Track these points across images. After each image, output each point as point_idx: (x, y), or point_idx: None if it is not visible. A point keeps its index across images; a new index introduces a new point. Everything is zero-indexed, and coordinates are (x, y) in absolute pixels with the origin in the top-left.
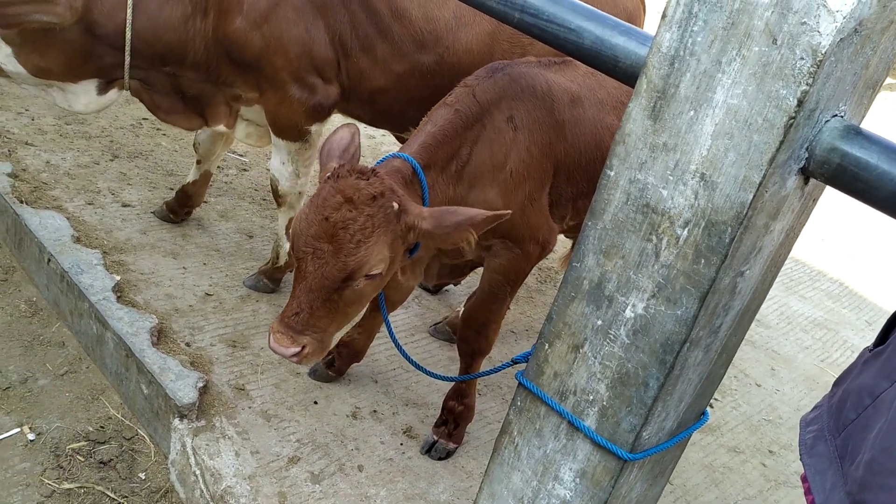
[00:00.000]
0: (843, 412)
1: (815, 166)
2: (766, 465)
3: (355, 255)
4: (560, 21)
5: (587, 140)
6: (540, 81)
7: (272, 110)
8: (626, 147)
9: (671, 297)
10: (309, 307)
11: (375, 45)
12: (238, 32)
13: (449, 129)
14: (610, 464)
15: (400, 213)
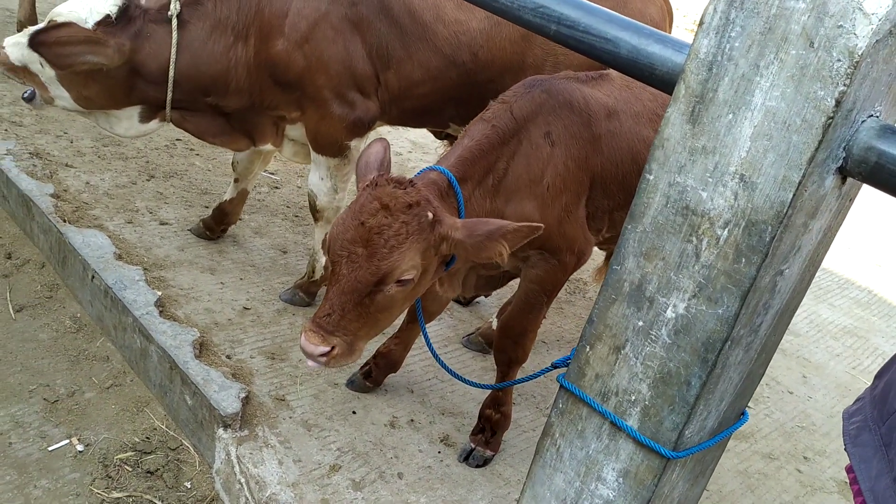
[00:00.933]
0: (887, 403)
1: (852, 165)
2: (801, 472)
3: (388, 259)
4: (596, 32)
5: (623, 153)
6: (577, 96)
7: (313, 127)
8: (664, 151)
9: (712, 296)
10: (341, 309)
11: (413, 52)
12: (281, 54)
13: (485, 144)
14: (653, 462)
15: (434, 223)
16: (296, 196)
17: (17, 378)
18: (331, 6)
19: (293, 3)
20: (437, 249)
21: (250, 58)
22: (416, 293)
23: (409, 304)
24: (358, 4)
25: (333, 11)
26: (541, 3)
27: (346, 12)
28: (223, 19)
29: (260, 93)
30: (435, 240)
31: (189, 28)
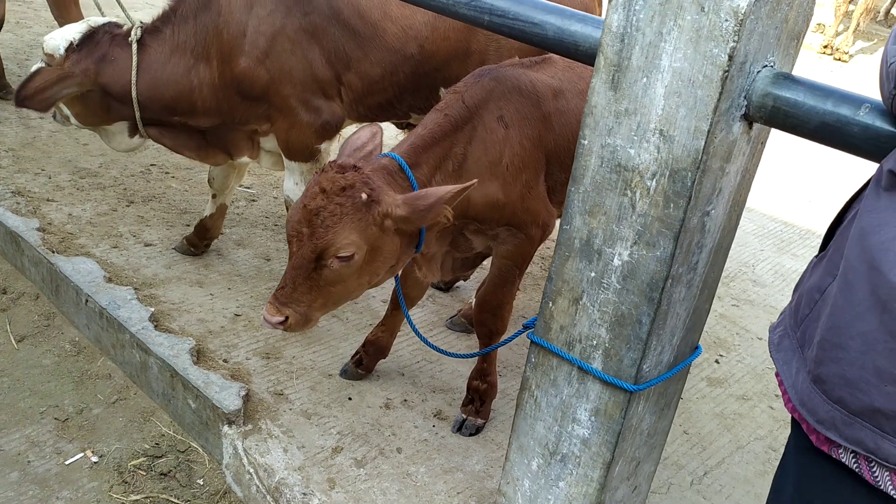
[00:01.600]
0: (800, 310)
1: (754, 111)
2: (773, 408)
3: (323, 238)
4: (525, 18)
5: (574, 128)
6: (524, 80)
7: (284, 136)
8: (594, 117)
9: (650, 241)
10: (293, 283)
11: (368, 51)
12: (245, 72)
13: (437, 132)
14: (618, 397)
15: (370, 203)
16: (273, 207)
17: (27, 402)
18: (285, 20)
19: (250, 22)
20: (381, 227)
21: (215, 78)
22: (375, 269)
23: (369, 280)
24: (310, 14)
25: (289, 24)
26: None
27: (300, 23)
28: (181, 43)
29: (230, 110)
30: (375, 218)
31: (149, 52)
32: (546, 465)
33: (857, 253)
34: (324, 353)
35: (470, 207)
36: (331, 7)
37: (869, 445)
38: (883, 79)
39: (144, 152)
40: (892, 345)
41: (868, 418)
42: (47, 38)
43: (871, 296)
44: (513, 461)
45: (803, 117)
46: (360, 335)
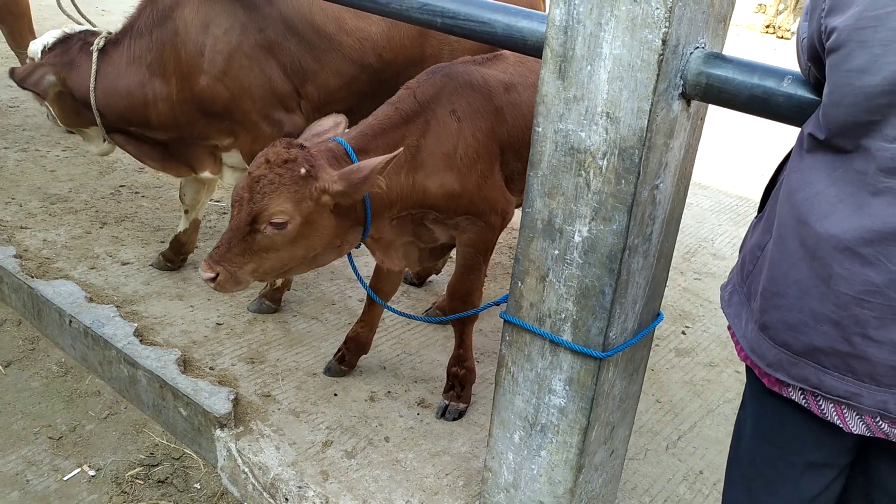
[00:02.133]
0: (745, 267)
1: (689, 89)
2: (739, 372)
3: (259, 203)
4: (474, 18)
5: (527, 119)
6: (475, 76)
7: (248, 150)
8: (546, 106)
9: (606, 216)
10: (227, 244)
11: (325, 63)
12: (205, 90)
13: (386, 122)
14: (589, 365)
15: (308, 177)
16: None
17: (20, 424)
18: (241, 37)
19: (207, 42)
20: (318, 202)
21: (173, 95)
22: (311, 244)
23: (304, 255)
24: (265, 30)
25: (245, 41)
26: (425, 2)
27: (256, 39)
28: (137, 57)
29: (188, 126)
30: (311, 192)
31: (108, 62)
32: (527, 437)
33: (786, 210)
34: (306, 353)
35: (427, 197)
36: (285, 22)
37: (813, 381)
38: (799, 52)
39: (113, 174)
40: (822, 289)
41: (810, 357)
42: (31, 43)
43: (801, 247)
44: (496, 436)
45: (734, 91)
46: (340, 334)
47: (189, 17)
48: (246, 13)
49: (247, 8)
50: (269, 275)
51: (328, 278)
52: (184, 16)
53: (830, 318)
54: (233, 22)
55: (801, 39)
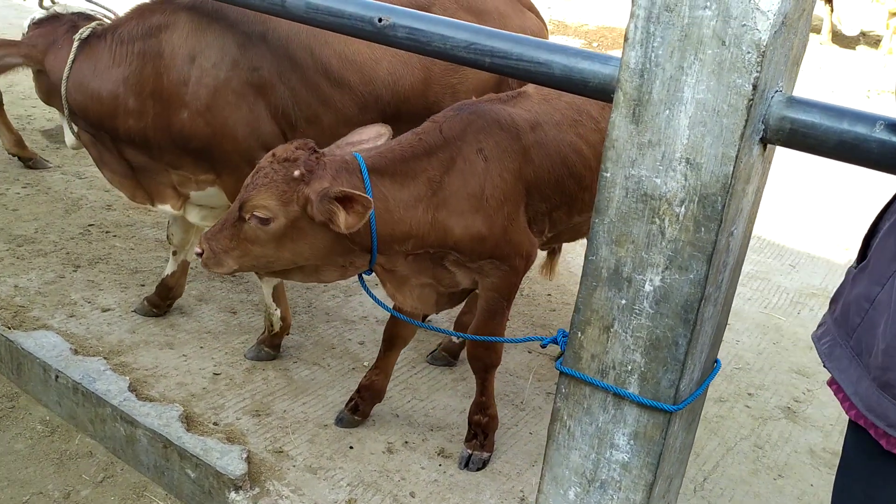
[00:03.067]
0: (849, 320)
1: (771, 134)
2: (749, 407)
3: (249, 192)
4: (529, 58)
5: (553, 159)
6: (503, 115)
7: (231, 191)
8: (616, 150)
9: (682, 265)
10: (221, 225)
11: (320, 114)
12: (185, 123)
13: (408, 149)
14: (658, 419)
15: (299, 181)
16: None
17: (6, 493)
18: (231, 73)
19: (192, 72)
20: (304, 209)
21: (148, 117)
22: (298, 251)
23: (292, 260)
24: (260, 69)
25: (234, 77)
26: (472, 41)
27: (247, 77)
28: (115, 63)
29: (159, 151)
30: (298, 196)
31: (87, 54)
32: (584, 493)
33: None
34: (314, 403)
35: (449, 237)
36: (284, 64)
37: None
38: None
39: (80, 212)
40: None
41: None
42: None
43: None
44: (546, 493)
45: (821, 137)
46: (345, 381)
47: (177, 43)
48: (239, 49)
49: (241, 44)
50: (255, 268)
51: (324, 321)
52: (172, 40)
53: None
54: (223, 56)
55: None
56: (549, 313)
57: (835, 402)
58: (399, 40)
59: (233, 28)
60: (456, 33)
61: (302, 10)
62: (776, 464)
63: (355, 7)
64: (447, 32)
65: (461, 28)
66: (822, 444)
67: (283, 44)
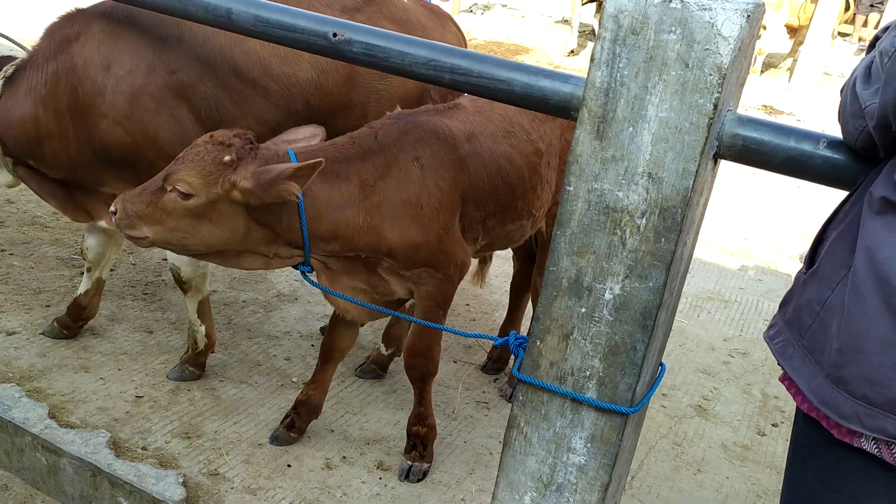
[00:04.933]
0: (801, 321)
1: (724, 150)
2: (665, 406)
3: (177, 165)
4: (489, 76)
5: (487, 169)
6: (440, 125)
7: None
8: (580, 165)
9: (642, 273)
10: (142, 188)
11: (247, 109)
12: (104, 134)
13: (341, 150)
14: (615, 422)
15: (227, 165)
16: (135, 274)
17: None
18: (147, 78)
19: (108, 82)
20: (228, 194)
21: (68, 134)
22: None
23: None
24: (177, 72)
25: (152, 83)
26: (432, 58)
27: (165, 81)
28: (32, 88)
29: (83, 168)
30: (223, 182)
31: (11, 89)
32: (540, 498)
33: (865, 269)
34: (245, 422)
35: (383, 243)
36: (202, 65)
37: (891, 432)
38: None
39: None
40: None
41: (889, 408)
42: None
43: (883, 303)
44: (501, 499)
45: (770, 153)
46: (275, 398)
47: (89, 55)
48: (155, 53)
49: (156, 48)
50: (168, 242)
51: (246, 337)
52: (83, 52)
53: None
54: (138, 62)
55: (861, 106)
56: (470, 323)
57: (740, 399)
58: (355, 55)
59: (147, 32)
60: (415, 50)
61: (250, 23)
62: (694, 459)
63: (308, 21)
64: (406, 49)
65: (420, 45)
66: (733, 438)
67: (202, 43)
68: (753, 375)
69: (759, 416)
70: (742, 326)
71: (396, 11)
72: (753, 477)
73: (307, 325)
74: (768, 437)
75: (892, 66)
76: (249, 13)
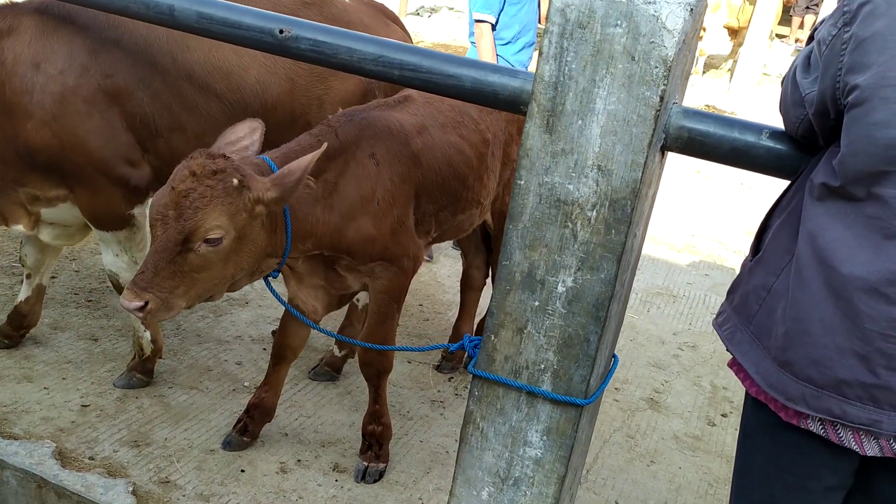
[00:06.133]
0: (748, 307)
1: (671, 142)
2: (617, 400)
3: (192, 219)
4: (439, 71)
5: (440, 161)
6: (392, 120)
7: (87, 206)
8: (530, 159)
9: (594, 265)
10: (154, 267)
11: (184, 122)
12: (29, 134)
13: (309, 151)
14: (571, 413)
15: (241, 188)
16: (78, 281)
17: None
18: (79, 80)
19: (37, 80)
20: (251, 213)
21: None
22: (241, 261)
23: (233, 274)
24: (113, 76)
25: (83, 85)
26: (380, 54)
27: (98, 84)
28: None
29: (4, 167)
30: (245, 203)
31: None
32: (498, 493)
33: (807, 254)
34: (196, 428)
35: (342, 240)
36: (141, 71)
37: (836, 412)
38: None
39: None
40: (848, 325)
41: (834, 389)
42: None
43: (825, 287)
44: (459, 496)
45: (715, 144)
46: (227, 403)
47: (19, 50)
48: (90, 56)
49: (92, 50)
50: (199, 298)
51: (196, 343)
52: (14, 47)
53: (856, 353)
54: (70, 63)
55: (801, 94)
56: (423, 323)
57: (690, 391)
58: (302, 52)
59: (83, 33)
60: (363, 46)
61: (193, 20)
62: (647, 451)
63: (253, 18)
64: (354, 45)
65: (368, 41)
66: (684, 429)
67: (142, 49)
68: (703, 367)
69: (708, 407)
70: (691, 320)
71: (337, 12)
72: (705, 466)
73: (258, 329)
74: (718, 427)
75: (829, 54)
76: (192, 10)
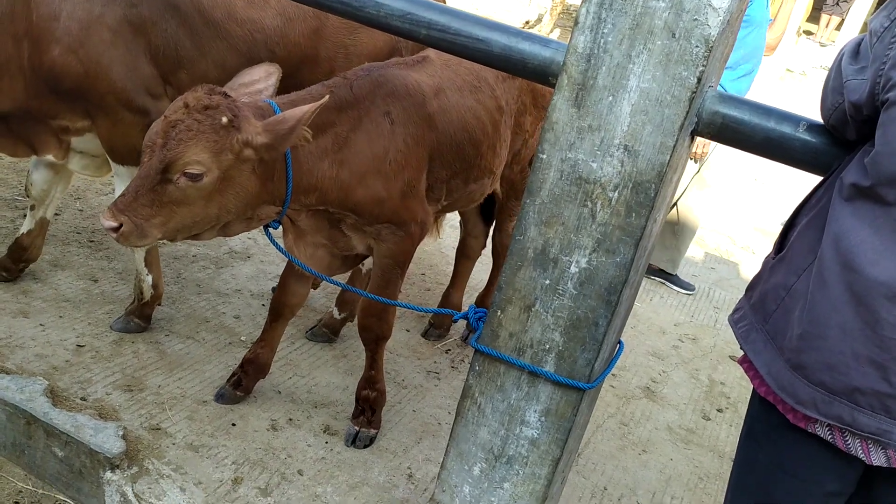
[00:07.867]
0: (766, 306)
1: (703, 127)
2: (613, 387)
3: (174, 150)
4: (467, 34)
5: (455, 125)
6: (410, 80)
7: (106, 136)
8: (555, 133)
9: (610, 248)
10: (135, 192)
11: (207, 51)
12: (56, 61)
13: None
14: (571, 397)
15: (229, 127)
16: (81, 221)
17: None
18: (105, 8)
19: (64, 7)
20: (239, 156)
21: (24, 60)
22: (226, 204)
23: (218, 215)
24: (138, 5)
25: (109, 13)
26: (408, 11)
27: (124, 13)
28: None
29: (36, 99)
30: (232, 144)
31: None
32: (490, 469)
33: (831, 255)
34: (190, 378)
35: (350, 197)
36: (166, 1)
37: (846, 419)
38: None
39: None
40: (867, 332)
41: (847, 396)
42: None
43: (847, 291)
44: (450, 469)
45: (749, 133)
46: (222, 356)
47: None
48: None
49: None
50: (178, 233)
51: (195, 292)
52: None
53: (873, 360)
54: None
55: (842, 81)
56: (425, 293)
57: (687, 383)
58: (330, 2)
59: None
60: (391, 1)
61: None
62: (640, 440)
63: None
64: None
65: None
66: (678, 421)
67: None
68: (702, 361)
69: (704, 400)
70: (693, 312)
71: None
72: (696, 459)
73: (259, 284)
74: (713, 421)
75: (879, 46)
76: None
